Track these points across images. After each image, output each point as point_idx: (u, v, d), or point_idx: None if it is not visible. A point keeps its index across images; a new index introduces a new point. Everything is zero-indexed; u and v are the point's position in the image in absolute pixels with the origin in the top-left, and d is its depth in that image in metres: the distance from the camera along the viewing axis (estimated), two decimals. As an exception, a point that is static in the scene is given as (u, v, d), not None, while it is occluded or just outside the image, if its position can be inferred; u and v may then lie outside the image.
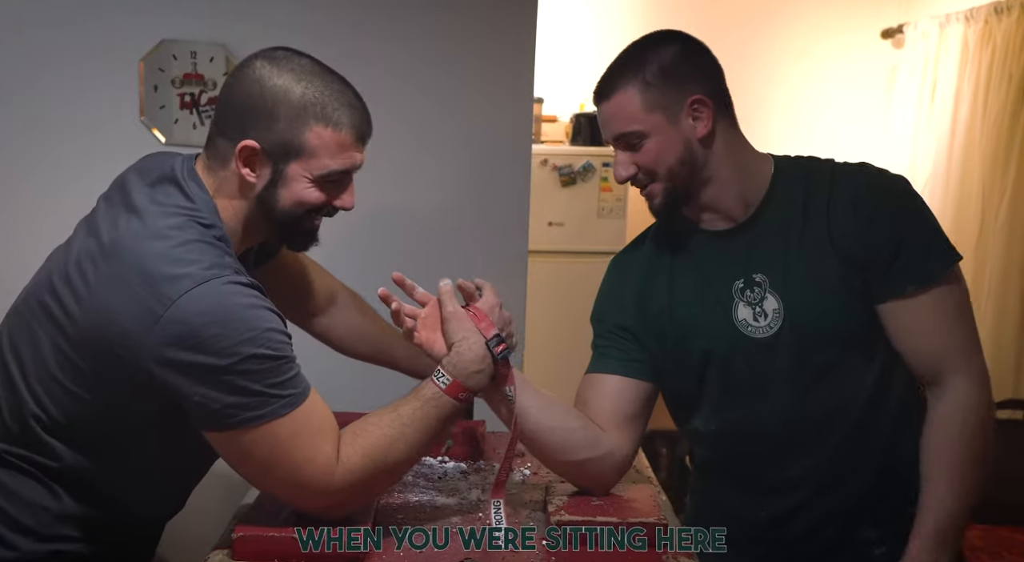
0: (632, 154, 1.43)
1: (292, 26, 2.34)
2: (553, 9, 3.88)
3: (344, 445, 1.29)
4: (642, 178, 1.44)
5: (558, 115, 4.09)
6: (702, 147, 1.42)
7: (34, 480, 1.31)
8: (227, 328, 1.19)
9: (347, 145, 1.33)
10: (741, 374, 1.44)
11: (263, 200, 1.33)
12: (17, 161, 2.31)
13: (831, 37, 4.24)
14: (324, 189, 1.34)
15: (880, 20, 4.23)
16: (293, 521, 1.31)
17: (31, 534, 1.31)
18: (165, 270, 1.20)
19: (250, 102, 1.30)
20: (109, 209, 1.34)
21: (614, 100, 1.42)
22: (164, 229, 1.25)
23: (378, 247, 2.40)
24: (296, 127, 1.30)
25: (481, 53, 2.40)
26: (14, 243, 2.29)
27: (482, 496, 1.55)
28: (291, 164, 1.31)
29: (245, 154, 1.31)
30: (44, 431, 1.29)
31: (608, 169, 3.77)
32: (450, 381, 1.35)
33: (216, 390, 1.20)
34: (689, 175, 1.42)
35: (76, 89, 2.30)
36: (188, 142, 2.31)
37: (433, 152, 2.41)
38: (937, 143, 3.79)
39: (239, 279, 1.24)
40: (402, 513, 1.47)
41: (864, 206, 1.39)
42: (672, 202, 1.45)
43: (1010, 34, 3.46)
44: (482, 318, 1.38)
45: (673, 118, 1.40)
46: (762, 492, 1.50)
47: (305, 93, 1.30)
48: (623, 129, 1.41)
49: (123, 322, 1.20)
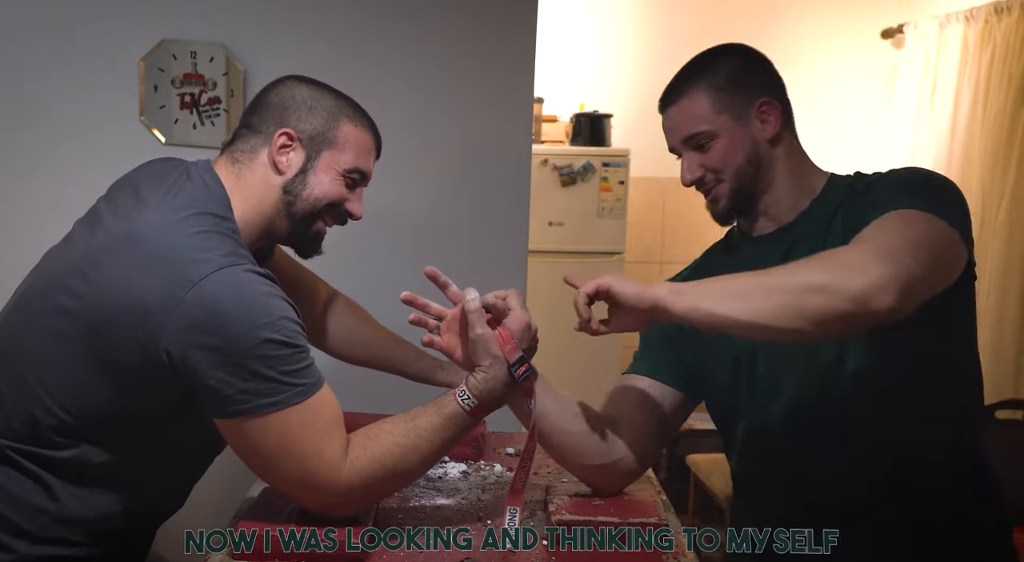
0: (699, 156, 1.44)
1: (292, 26, 2.34)
2: (553, 9, 3.88)
3: (355, 446, 1.30)
4: (709, 179, 1.44)
5: (558, 115, 4.08)
6: (769, 147, 1.44)
7: (33, 480, 1.31)
8: (245, 312, 1.23)
9: (369, 149, 1.47)
10: (763, 378, 1.43)
11: (289, 189, 1.41)
12: (17, 161, 2.31)
13: (831, 37, 4.24)
14: (345, 185, 1.44)
15: (880, 20, 4.23)
16: (295, 519, 1.31)
17: (28, 537, 1.31)
18: (187, 254, 1.24)
19: (287, 100, 1.43)
20: (113, 206, 1.38)
21: (681, 104, 1.44)
22: (182, 218, 1.29)
23: (378, 247, 2.40)
24: (331, 120, 1.43)
25: (481, 53, 2.40)
26: (14, 243, 2.29)
27: (482, 496, 1.55)
28: (323, 153, 1.42)
29: (282, 140, 1.41)
30: (50, 427, 1.30)
31: (608, 169, 3.77)
32: (475, 404, 1.34)
33: (231, 374, 1.22)
34: (755, 176, 1.43)
35: (76, 89, 2.30)
36: (188, 142, 2.31)
37: (433, 152, 2.41)
38: (937, 143, 3.79)
39: (256, 269, 1.28)
40: (402, 513, 1.47)
41: (870, 191, 1.36)
42: (736, 204, 1.45)
43: (1010, 34, 3.46)
44: (507, 340, 1.34)
45: (742, 119, 1.43)
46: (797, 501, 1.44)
47: (337, 99, 1.45)
48: (692, 130, 1.43)
49: (144, 305, 1.23)
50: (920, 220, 1.23)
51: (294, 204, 1.42)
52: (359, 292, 1.89)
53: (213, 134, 2.32)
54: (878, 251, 1.16)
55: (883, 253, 1.15)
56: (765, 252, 1.43)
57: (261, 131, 1.42)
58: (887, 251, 1.16)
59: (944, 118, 3.77)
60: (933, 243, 1.21)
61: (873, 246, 1.18)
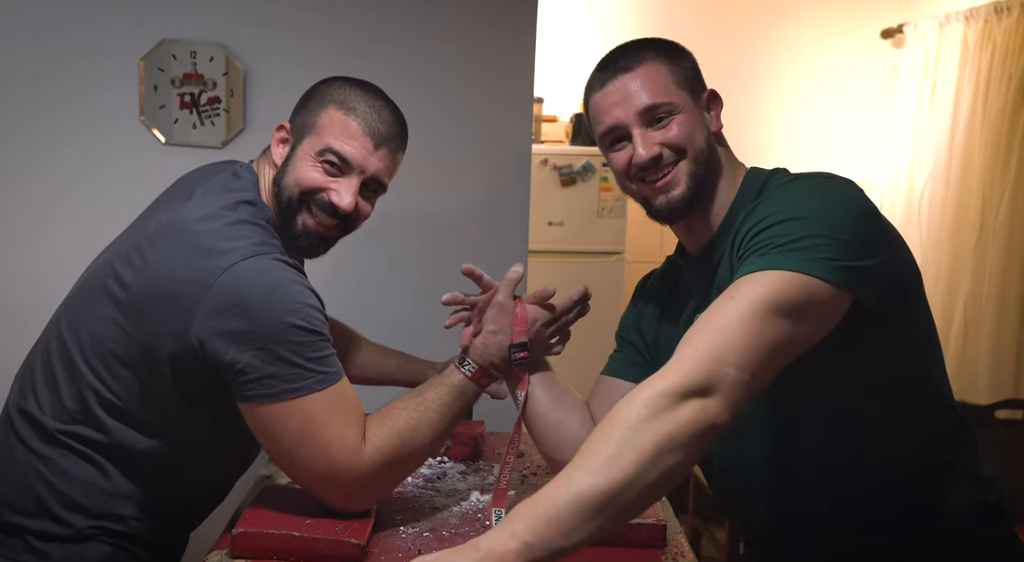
0: (656, 132, 1.28)
1: (292, 26, 2.34)
2: (553, 9, 3.88)
3: (371, 426, 1.34)
4: (668, 157, 1.28)
5: (558, 115, 4.08)
6: (715, 142, 1.32)
7: (85, 460, 1.36)
8: (272, 298, 1.27)
9: (354, 133, 1.41)
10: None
11: (277, 181, 1.44)
12: (17, 161, 2.31)
13: (831, 37, 4.24)
14: (322, 171, 1.41)
15: (880, 20, 4.23)
16: (294, 518, 1.32)
17: (83, 511, 1.36)
18: (217, 244, 1.29)
19: (303, 96, 1.47)
20: (169, 200, 1.45)
21: (640, 71, 1.28)
22: (217, 210, 1.35)
23: (378, 247, 2.40)
24: (316, 109, 1.43)
25: (481, 53, 2.40)
26: (15, 243, 2.29)
27: (481, 497, 1.55)
28: (304, 140, 1.43)
29: (280, 135, 1.45)
30: (99, 406, 1.35)
31: (608, 169, 3.73)
32: (475, 369, 1.42)
33: (258, 358, 1.26)
34: (708, 165, 1.29)
35: (76, 89, 2.30)
36: (188, 142, 2.31)
37: (433, 152, 2.41)
38: (937, 143, 3.79)
39: (284, 258, 1.33)
40: (401, 514, 1.47)
41: (753, 222, 1.19)
42: (696, 192, 1.28)
43: (1010, 34, 3.46)
44: (520, 322, 1.40)
45: (696, 102, 1.31)
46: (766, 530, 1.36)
47: (340, 89, 1.44)
48: (653, 100, 1.27)
49: (177, 291, 1.28)
50: (768, 289, 1.08)
51: (280, 196, 1.43)
52: (359, 292, 1.89)
53: (213, 134, 2.32)
54: (697, 368, 1.03)
55: (703, 370, 1.03)
56: (698, 275, 1.33)
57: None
58: (707, 364, 1.03)
59: (944, 118, 3.77)
60: (783, 313, 1.07)
61: (693, 363, 1.04)
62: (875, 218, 1.20)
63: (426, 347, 1.87)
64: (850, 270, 1.11)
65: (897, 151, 4.03)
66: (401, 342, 1.88)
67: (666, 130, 1.28)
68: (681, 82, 1.30)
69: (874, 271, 1.14)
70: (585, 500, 0.96)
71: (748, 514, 1.38)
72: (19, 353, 1.52)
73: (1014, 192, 3.40)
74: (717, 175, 1.32)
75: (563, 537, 0.95)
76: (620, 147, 1.33)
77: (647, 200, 1.34)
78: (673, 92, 1.29)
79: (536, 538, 0.94)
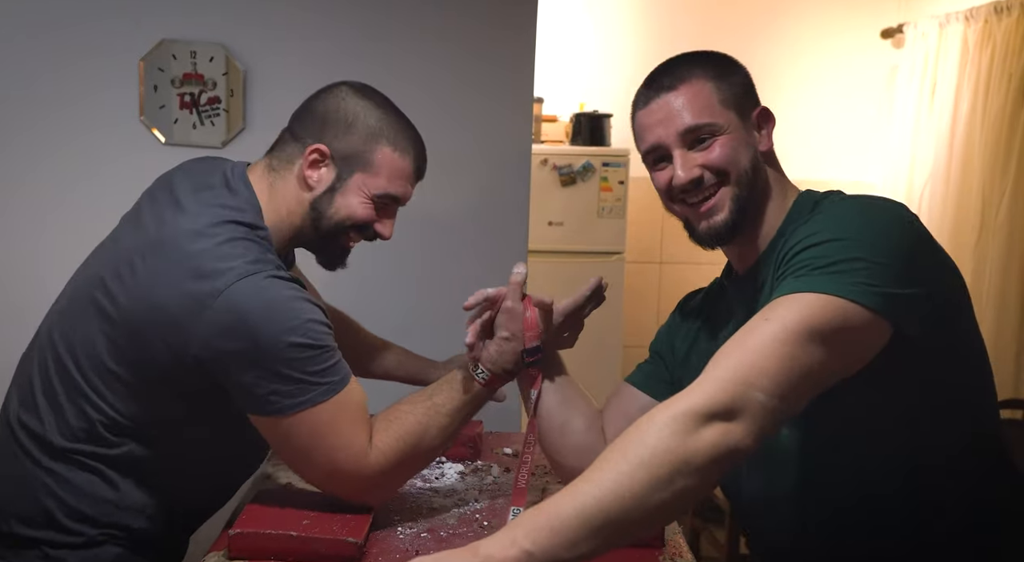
0: (697, 153, 1.25)
1: (292, 26, 2.34)
2: (553, 9, 3.88)
3: (378, 430, 1.35)
4: (709, 180, 1.24)
5: (558, 115, 4.08)
6: (763, 163, 1.27)
7: (93, 473, 1.37)
8: (270, 318, 1.27)
9: (406, 175, 1.46)
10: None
11: (316, 206, 1.42)
12: (17, 161, 2.31)
13: (831, 37, 4.24)
14: (373, 207, 1.44)
15: (880, 20, 4.23)
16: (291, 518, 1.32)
17: (93, 523, 1.37)
18: (212, 265, 1.28)
19: (331, 112, 1.43)
20: (154, 206, 1.42)
21: (683, 90, 1.25)
22: (209, 226, 1.33)
23: (378, 247, 2.38)
24: (369, 143, 1.42)
25: (481, 53, 2.40)
26: (15, 243, 2.29)
27: (479, 497, 1.55)
28: (355, 175, 1.42)
29: (313, 156, 1.41)
30: (103, 426, 1.35)
31: (608, 169, 3.76)
32: (488, 377, 1.41)
33: (259, 377, 1.27)
34: (753, 189, 1.25)
35: (76, 89, 2.30)
36: (188, 142, 2.31)
37: (433, 152, 2.38)
38: (937, 143, 3.79)
39: (280, 274, 1.32)
40: (399, 514, 1.47)
41: (795, 242, 1.15)
42: (739, 217, 1.25)
43: (1010, 34, 3.46)
44: (531, 326, 1.39)
45: (744, 121, 1.27)
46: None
47: (382, 118, 1.44)
48: (696, 121, 1.24)
49: (172, 313, 1.28)
50: (804, 313, 1.04)
51: (319, 221, 1.43)
52: (359, 291, 1.89)
53: (213, 134, 2.33)
54: (724, 390, 0.99)
55: (729, 392, 0.99)
56: (735, 295, 1.31)
57: (299, 140, 1.44)
58: (734, 386, 1.00)
59: (944, 118, 3.77)
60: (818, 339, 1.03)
61: (719, 385, 1.00)
62: (923, 243, 1.15)
63: (426, 347, 1.87)
64: (890, 297, 1.06)
65: (897, 151, 4.03)
66: (401, 341, 1.89)
67: (708, 152, 1.25)
68: (728, 101, 1.26)
69: (916, 299, 1.09)
70: (590, 515, 0.94)
71: (775, 547, 1.32)
72: (19, 353, 1.52)
73: (1014, 192, 3.40)
74: (764, 197, 1.28)
75: (564, 549, 0.93)
76: (662, 167, 1.30)
77: (690, 224, 1.31)
78: (718, 112, 1.25)
79: (537, 547, 0.93)
